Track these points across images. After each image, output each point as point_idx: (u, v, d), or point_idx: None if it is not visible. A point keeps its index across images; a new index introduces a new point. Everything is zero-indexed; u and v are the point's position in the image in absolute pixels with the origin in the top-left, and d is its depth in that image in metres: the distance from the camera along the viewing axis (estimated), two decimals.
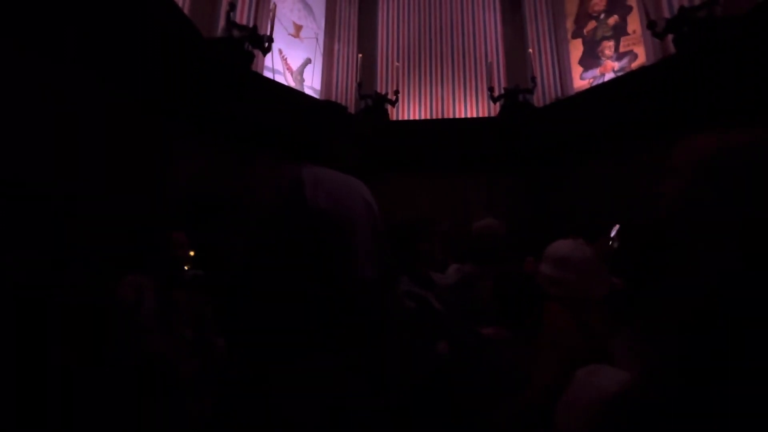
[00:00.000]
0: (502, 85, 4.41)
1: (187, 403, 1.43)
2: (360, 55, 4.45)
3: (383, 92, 4.41)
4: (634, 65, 3.75)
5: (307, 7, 4.49)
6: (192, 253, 2.58)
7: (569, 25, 4.41)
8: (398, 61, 4.69)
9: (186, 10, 2.91)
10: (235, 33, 3.25)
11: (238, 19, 3.40)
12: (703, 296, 0.45)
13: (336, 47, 4.63)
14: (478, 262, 1.86)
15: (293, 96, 3.84)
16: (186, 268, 1.89)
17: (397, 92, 4.33)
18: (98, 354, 1.36)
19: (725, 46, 2.72)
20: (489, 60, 4.57)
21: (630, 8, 3.90)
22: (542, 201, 4.06)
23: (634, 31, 3.83)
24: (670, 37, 3.10)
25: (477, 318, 1.43)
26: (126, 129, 2.52)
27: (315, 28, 4.53)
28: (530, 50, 4.36)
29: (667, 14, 3.25)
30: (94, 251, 2.00)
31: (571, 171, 3.91)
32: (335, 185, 0.88)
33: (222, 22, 3.33)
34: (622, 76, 3.71)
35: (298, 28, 4.34)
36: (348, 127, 1.11)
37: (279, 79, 3.94)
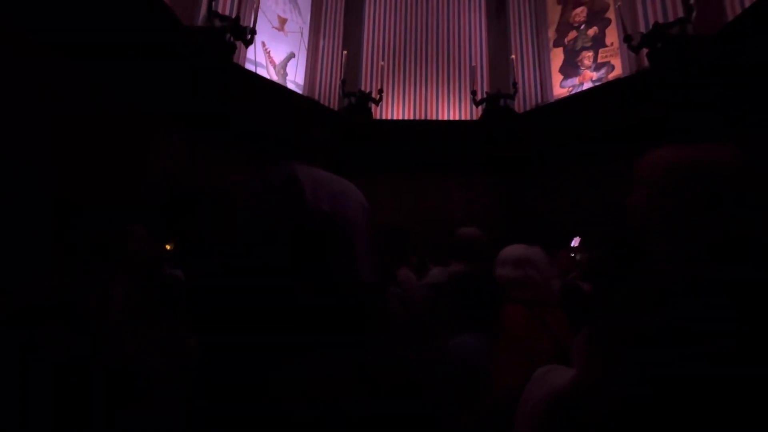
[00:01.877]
0: (485, 89, 4.48)
1: (159, 404, 1.38)
2: (345, 53, 4.42)
3: (367, 91, 4.39)
4: (611, 76, 3.87)
5: (293, 1, 4.42)
6: (168, 247, 2.51)
7: (551, 33, 4.51)
8: (383, 61, 4.68)
9: None
10: (217, 23, 3.16)
11: (220, 9, 3.32)
12: (661, 303, 0.47)
13: (321, 43, 4.58)
14: (468, 262, 1.87)
15: (276, 90, 3.77)
16: (156, 263, 1.82)
17: (381, 91, 4.32)
18: (61, 354, 1.30)
19: (696, 62, 2.85)
20: (473, 64, 4.63)
21: (609, 21, 4.02)
22: (521, 204, 4.15)
23: (612, 44, 3.96)
24: (645, 51, 3.22)
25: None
26: (99, 119, 2.41)
27: (300, 22, 4.47)
28: (513, 56, 4.45)
29: (643, 29, 3.38)
30: (60, 247, 1.90)
31: (549, 175, 4.01)
32: (334, 187, 0.87)
33: (203, 11, 3.23)
34: (599, 86, 3.83)
35: (283, 21, 4.27)
36: (331, 125, 1.09)
37: (261, 72, 3.86)
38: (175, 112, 2.97)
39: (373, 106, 4.31)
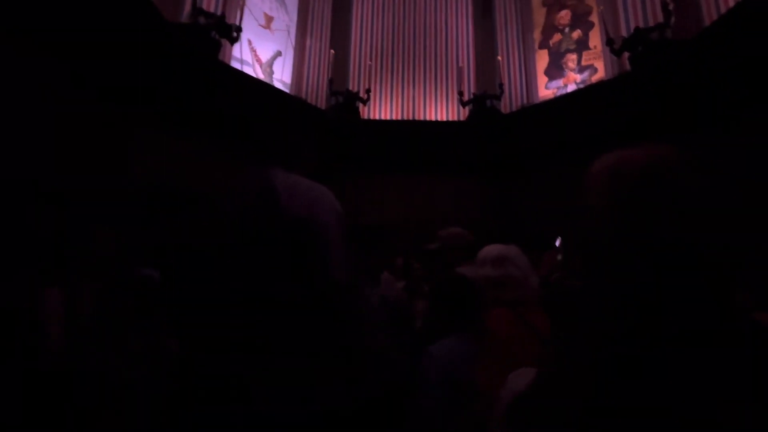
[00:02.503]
0: (472, 90, 4.52)
1: (134, 411, 1.36)
2: (332, 52, 4.40)
3: (355, 90, 4.38)
4: (595, 78, 3.95)
5: None
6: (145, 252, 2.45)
7: (537, 35, 4.58)
8: (371, 60, 4.67)
9: None
10: (201, 20, 3.11)
11: (205, 6, 3.26)
12: (617, 304, 0.48)
13: (308, 42, 4.55)
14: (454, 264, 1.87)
15: (262, 88, 3.73)
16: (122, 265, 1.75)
17: (368, 91, 4.32)
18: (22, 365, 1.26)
19: (674, 65, 2.93)
20: (460, 65, 4.66)
21: (592, 24, 4.10)
22: (507, 203, 4.20)
23: (595, 47, 4.04)
24: (626, 54, 3.30)
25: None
26: (78, 116, 2.35)
27: (287, 20, 4.43)
28: (499, 58, 4.50)
29: (624, 33, 3.46)
30: (30, 250, 1.85)
31: (535, 175, 4.07)
32: (308, 194, 0.92)
33: (188, 8, 3.18)
34: (583, 88, 3.90)
35: (269, 19, 4.23)
36: (317, 126, 1.12)
37: (247, 70, 3.81)
38: (158, 109, 2.91)
39: (360, 105, 4.30)
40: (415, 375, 1.15)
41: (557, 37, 4.39)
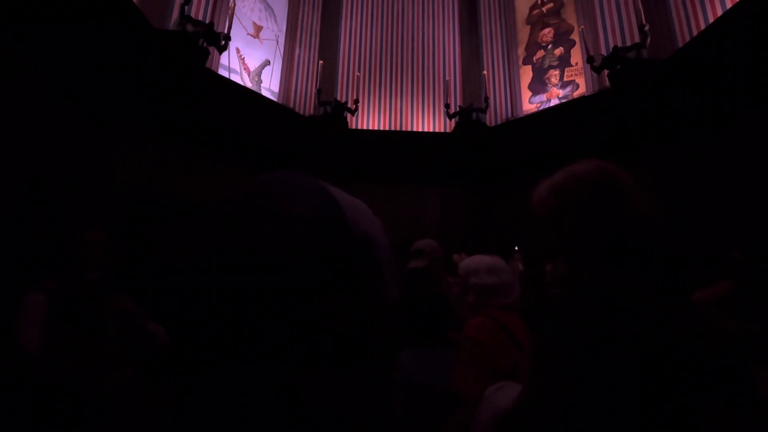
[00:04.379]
0: (458, 102, 4.60)
1: (111, 419, 1.31)
2: (321, 62, 4.44)
3: (343, 100, 4.42)
4: (576, 94, 4.08)
5: (269, 8, 4.41)
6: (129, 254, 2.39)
7: (521, 51, 4.71)
8: (359, 71, 4.73)
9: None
10: (189, 28, 3.11)
11: (193, 14, 3.26)
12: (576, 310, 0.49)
13: (297, 51, 4.58)
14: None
15: (250, 97, 3.73)
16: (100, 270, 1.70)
17: (357, 101, 4.36)
18: None
19: (650, 83, 3.06)
20: (446, 78, 4.76)
21: (574, 42, 4.25)
22: (491, 212, 4.26)
23: (576, 63, 4.18)
24: (605, 71, 3.43)
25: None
26: (64, 123, 2.30)
27: (276, 29, 4.46)
28: (485, 72, 4.61)
29: (604, 51, 3.60)
30: (14, 254, 1.79)
31: (518, 185, 4.14)
32: (362, 207, 0.84)
33: (175, 15, 3.17)
34: (565, 103, 4.03)
35: (258, 28, 4.25)
36: (306, 135, 1.08)
37: (235, 78, 3.81)
38: (144, 116, 2.88)
39: (348, 115, 4.33)
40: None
41: (540, 53, 4.53)
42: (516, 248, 2.54)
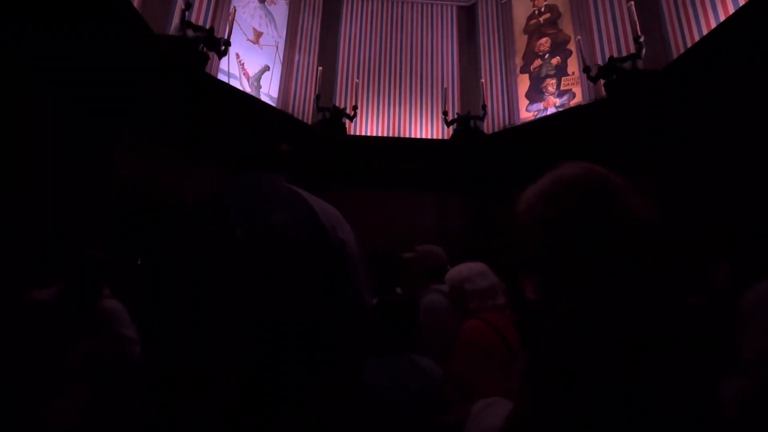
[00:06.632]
0: (456, 110, 4.64)
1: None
2: (320, 68, 4.47)
3: (341, 106, 4.44)
4: (572, 103, 4.12)
5: (269, 15, 4.45)
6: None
7: (518, 60, 4.77)
8: (358, 78, 4.76)
9: (135, 4, 2.76)
10: (190, 33, 3.12)
11: (194, 20, 3.28)
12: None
13: (296, 57, 4.61)
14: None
15: (249, 102, 3.74)
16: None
17: (355, 107, 4.38)
18: None
19: (645, 93, 3.11)
20: (445, 86, 4.80)
21: (570, 52, 4.31)
22: (488, 219, 4.27)
23: (573, 73, 4.23)
24: (602, 81, 3.47)
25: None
26: (63, 126, 2.30)
27: (275, 35, 4.49)
28: (482, 80, 4.65)
29: (600, 61, 3.65)
30: (13, 256, 1.78)
31: (515, 192, 4.15)
32: (336, 214, 0.84)
33: (176, 21, 3.19)
34: (561, 111, 4.07)
35: (258, 34, 4.28)
36: (304, 140, 1.07)
37: (234, 83, 3.83)
38: (143, 121, 2.88)
39: (347, 121, 4.35)
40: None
41: (537, 62, 4.58)
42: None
